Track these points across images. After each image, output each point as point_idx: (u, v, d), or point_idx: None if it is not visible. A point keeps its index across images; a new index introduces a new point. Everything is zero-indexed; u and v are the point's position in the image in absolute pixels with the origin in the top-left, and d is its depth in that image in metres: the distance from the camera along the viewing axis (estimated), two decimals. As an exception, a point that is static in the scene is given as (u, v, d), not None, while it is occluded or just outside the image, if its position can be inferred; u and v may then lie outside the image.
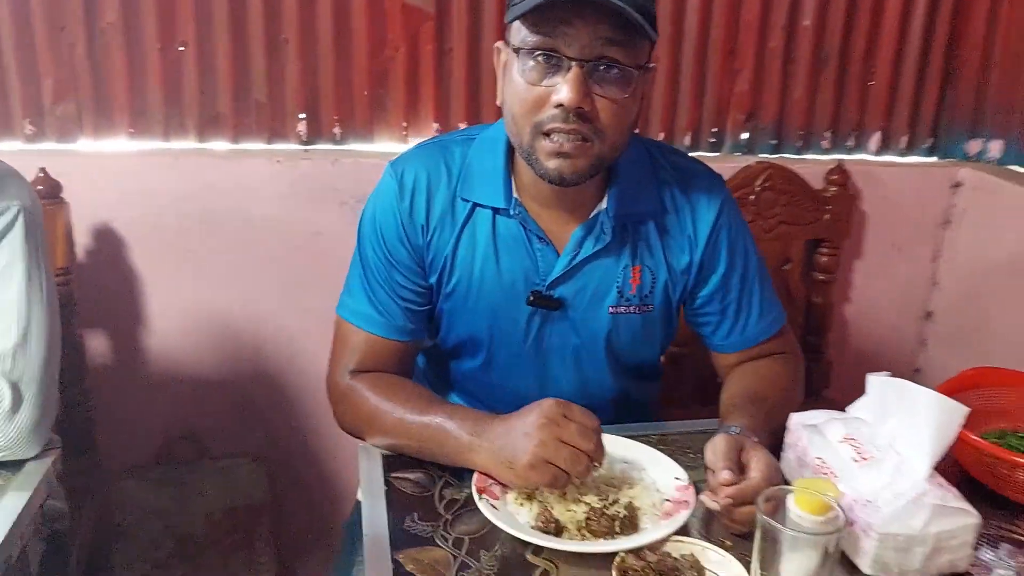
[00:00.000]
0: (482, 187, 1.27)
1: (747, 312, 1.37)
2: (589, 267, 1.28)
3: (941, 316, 2.41)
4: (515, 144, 1.21)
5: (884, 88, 2.26)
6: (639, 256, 1.30)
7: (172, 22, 1.91)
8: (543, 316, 1.30)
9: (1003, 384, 1.36)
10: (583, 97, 1.10)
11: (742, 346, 1.39)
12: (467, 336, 1.35)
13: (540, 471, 1.06)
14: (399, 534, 1.07)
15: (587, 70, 1.10)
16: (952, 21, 2.24)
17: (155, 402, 2.06)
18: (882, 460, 1.05)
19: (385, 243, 1.29)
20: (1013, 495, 1.18)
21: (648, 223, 1.31)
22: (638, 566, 0.97)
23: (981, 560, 1.07)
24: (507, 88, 1.18)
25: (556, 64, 1.11)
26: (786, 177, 2.09)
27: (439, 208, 1.27)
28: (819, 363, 2.23)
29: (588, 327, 1.32)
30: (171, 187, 1.94)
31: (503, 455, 1.10)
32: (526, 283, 1.29)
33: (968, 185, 2.29)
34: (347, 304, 1.33)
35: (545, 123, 1.13)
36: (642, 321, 1.34)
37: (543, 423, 1.07)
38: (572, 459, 1.06)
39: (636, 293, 1.31)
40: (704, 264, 1.33)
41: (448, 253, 1.28)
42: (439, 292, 1.32)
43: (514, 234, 1.27)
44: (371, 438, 1.26)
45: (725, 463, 1.05)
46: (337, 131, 2.05)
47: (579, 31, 1.08)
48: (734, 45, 2.15)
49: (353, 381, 1.28)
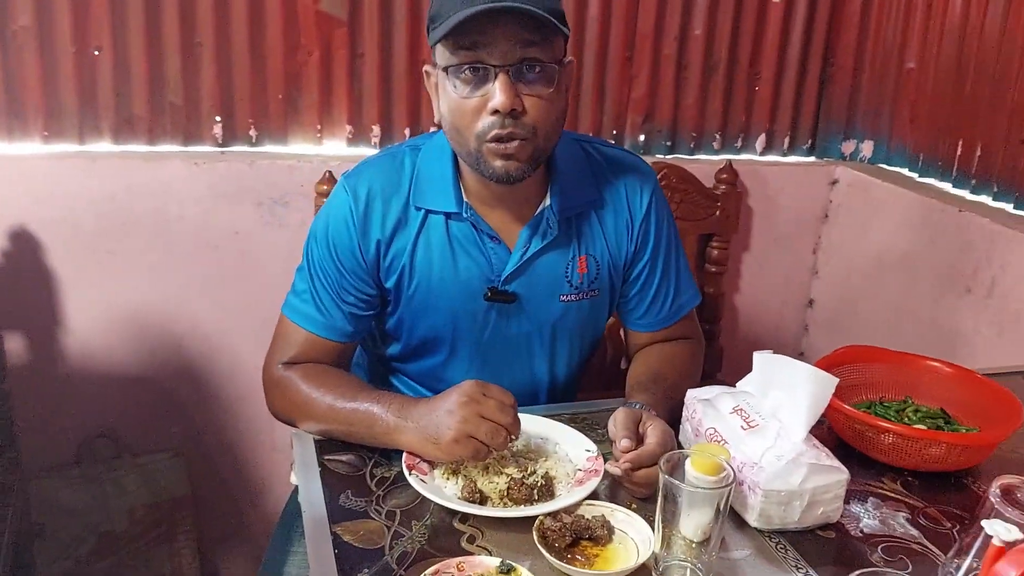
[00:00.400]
0: (433, 194, 1.34)
1: (667, 293, 1.48)
2: (539, 261, 1.37)
3: (821, 303, 2.60)
4: (460, 154, 1.29)
5: (768, 93, 2.42)
6: (584, 246, 1.40)
7: (87, 26, 1.91)
8: (499, 310, 1.39)
9: (872, 360, 1.51)
10: (514, 99, 1.18)
11: (659, 325, 1.50)
12: (430, 335, 1.42)
13: (463, 445, 1.15)
14: (336, 509, 1.14)
15: (512, 74, 1.19)
16: (828, 33, 2.42)
17: (74, 401, 2.07)
18: (766, 427, 1.17)
19: (337, 253, 1.35)
20: (879, 456, 1.31)
21: (589, 214, 1.40)
22: (555, 527, 1.07)
23: (851, 512, 1.20)
24: (443, 105, 1.26)
25: (483, 74, 1.19)
26: (680, 176, 2.23)
27: (394, 218, 1.34)
28: (712, 348, 2.37)
29: (541, 317, 1.41)
30: (89, 189, 1.95)
31: (428, 433, 1.18)
32: (482, 280, 1.36)
33: (843, 182, 2.48)
34: (291, 304, 1.39)
35: (486, 131, 1.21)
36: (590, 306, 1.44)
37: (464, 401, 1.16)
38: (492, 432, 1.15)
39: (584, 281, 1.41)
40: (637, 248, 1.44)
41: (406, 260, 1.35)
42: (399, 296, 1.38)
43: (467, 235, 1.35)
44: (303, 424, 1.32)
45: (624, 433, 1.17)
46: (253, 133, 2.09)
47: (498, 40, 1.17)
48: (631, 53, 2.28)
49: (287, 371, 1.35)
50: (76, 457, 2.09)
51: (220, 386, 2.18)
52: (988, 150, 2.09)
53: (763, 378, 1.24)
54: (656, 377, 1.39)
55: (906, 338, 2.22)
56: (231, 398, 2.19)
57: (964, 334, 2.07)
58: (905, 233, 2.26)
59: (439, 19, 1.19)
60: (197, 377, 2.15)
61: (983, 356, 2.01)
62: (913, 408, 1.46)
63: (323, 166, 1.98)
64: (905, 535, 1.17)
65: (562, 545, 1.07)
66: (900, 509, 1.22)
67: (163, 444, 2.17)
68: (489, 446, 1.16)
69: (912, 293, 2.24)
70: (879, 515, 1.21)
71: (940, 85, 2.23)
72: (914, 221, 2.22)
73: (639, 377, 1.40)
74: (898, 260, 2.28)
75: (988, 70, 2.07)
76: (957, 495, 1.26)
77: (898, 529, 1.18)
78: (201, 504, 2.23)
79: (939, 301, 2.14)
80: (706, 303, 2.38)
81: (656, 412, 1.27)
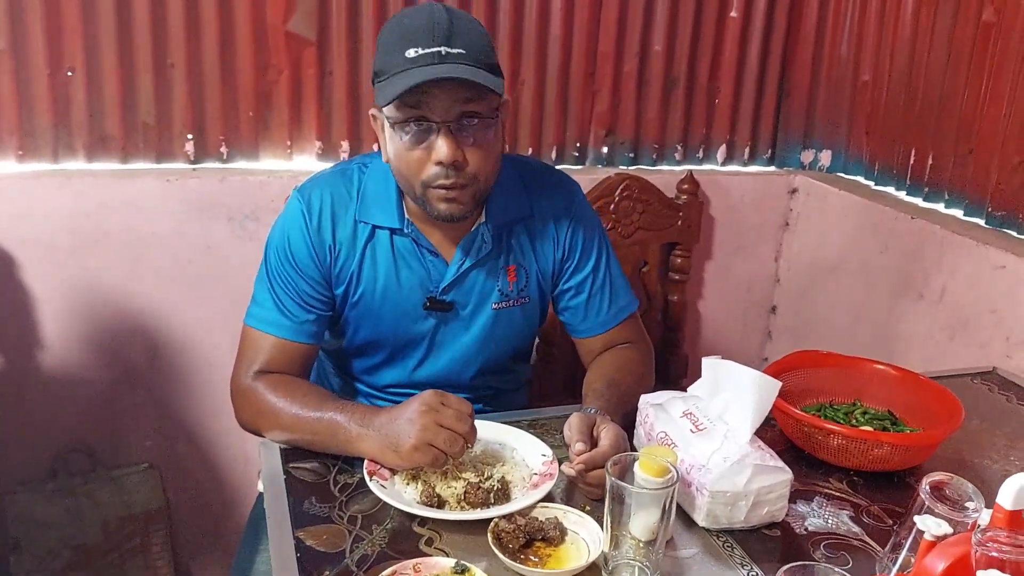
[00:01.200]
0: (378, 211, 1.43)
1: (603, 297, 1.56)
2: (474, 272, 1.47)
3: (783, 310, 2.66)
4: (406, 192, 1.39)
5: (727, 106, 2.48)
6: (514, 257, 1.50)
7: (60, 47, 1.95)
8: (438, 318, 1.48)
9: (822, 364, 1.57)
10: (456, 151, 1.28)
11: (601, 328, 1.58)
12: (371, 338, 1.50)
13: (423, 452, 1.20)
14: (299, 515, 1.18)
15: (453, 128, 1.28)
16: (785, 47, 2.49)
17: (48, 415, 2.09)
18: (713, 430, 1.22)
19: (294, 259, 1.42)
20: (826, 457, 1.37)
21: (520, 228, 1.50)
22: (509, 529, 1.12)
23: (797, 511, 1.25)
24: (391, 148, 1.34)
25: (427, 128, 1.28)
26: (642, 187, 2.28)
27: (343, 230, 1.43)
28: (676, 355, 2.43)
29: (476, 323, 1.50)
30: (63, 207, 1.98)
31: (389, 441, 1.23)
32: (422, 290, 1.46)
33: (802, 191, 2.54)
34: (255, 314, 1.44)
35: (431, 180, 1.31)
36: (521, 312, 1.54)
37: (424, 410, 1.21)
38: (450, 440, 1.20)
39: (513, 289, 1.50)
40: (565, 256, 1.54)
41: (354, 269, 1.44)
42: (345, 301, 1.47)
43: (409, 249, 1.44)
44: (269, 433, 1.37)
45: (579, 436, 1.22)
46: (224, 150, 2.13)
47: (439, 99, 1.26)
48: (593, 69, 2.34)
49: (254, 381, 1.39)
50: (51, 471, 2.12)
51: (193, 399, 2.21)
52: (938, 159, 2.16)
53: (711, 383, 1.29)
54: (610, 383, 1.44)
55: (863, 343, 2.29)
56: (204, 411, 2.22)
57: (918, 338, 2.13)
58: (861, 240, 2.32)
59: (384, 75, 1.28)
60: (170, 390, 2.18)
61: (936, 360, 2.07)
62: (862, 410, 1.51)
63: (293, 181, 2.02)
64: (848, 532, 1.22)
65: (516, 546, 1.11)
66: (844, 508, 1.27)
67: (137, 457, 2.19)
68: (447, 453, 1.21)
69: (869, 299, 2.30)
70: (824, 514, 1.26)
71: (893, 97, 2.30)
72: (870, 229, 2.28)
73: (594, 384, 1.45)
74: (856, 267, 2.35)
75: (937, 83, 2.15)
76: (900, 493, 1.31)
77: (841, 527, 1.23)
78: (175, 516, 2.26)
79: (894, 306, 2.21)
80: (669, 311, 2.43)
81: (610, 416, 1.31)
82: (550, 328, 2.15)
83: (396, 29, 1.29)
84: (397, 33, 1.28)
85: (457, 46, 1.25)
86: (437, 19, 1.26)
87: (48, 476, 2.11)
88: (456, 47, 1.25)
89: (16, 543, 2.04)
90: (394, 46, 1.26)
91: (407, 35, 1.26)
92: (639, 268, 2.34)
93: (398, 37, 1.27)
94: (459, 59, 1.25)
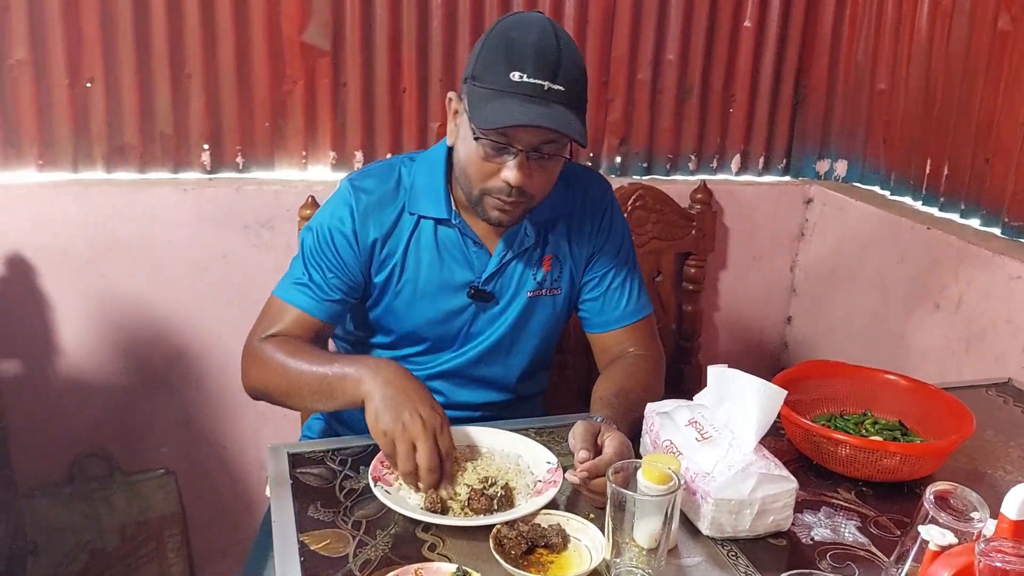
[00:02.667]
0: (427, 201, 1.48)
1: (622, 292, 1.60)
2: (514, 263, 1.52)
3: (799, 320, 2.65)
4: (462, 189, 1.42)
5: (742, 115, 2.48)
6: (550, 248, 1.55)
7: (80, 59, 1.98)
8: (477, 307, 1.53)
9: (833, 374, 1.57)
10: (526, 178, 1.33)
11: (616, 324, 1.60)
12: (411, 329, 1.54)
13: (385, 443, 1.23)
14: (305, 520, 1.20)
15: (529, 156, 1.32)
16: (800, 55, 2.48)
17: (66, 421, 2.12)
18: (718, 438, 1.22)
19: (334, 242, 1.46)
20: (835, 467, 1.36)
21: (560, 222, 1.55)
22: (511, 535, 1.13)
23: (804, 521, 1.24)
24: (460, 144, 1.39)
25: (507, 147, 1.32)
26: (656, 197, 2.28)
27: (390, 221, 1.47)
28: (690, 365, 2.42)
29: (511, 312, 1.55)
30: (81, 216, 2.01)
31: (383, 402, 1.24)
32: (464, 280, 1.50)
33: (818, 201, 2.53)
34: (284, 286, 1.48)
35: (492, 190, 1.36)
36: (552, 302, 1.58)
37: (418, 423, 1.22)
38: (406, 459, 1.21)
39: (547, 279, 1.55)
40: (595, 250, 1.59)
41: (398, 259, 1.48)
42: (385, 291, 1.51)
43: (454, 240, 1.49)
44: (272, 388, 1.41)
45: (583, 444, 1.23)
46: (240, 160, 2.15)
47: (530, 134, 1.30)
48: (607, 78, 2.35)
49: (264, 342, 1.43)
50: (68, 476, 2.14)
51: (209, 406, 2.23)
52: (955, 169, 2.15)
53: (717, 391, 1.29)
54: (619, 392, 1.45)
55: (879, 353, 2.27)
56: (220, 418, 2.24)
57: (934, 349, 2.12)
58: (877, 250, 2.30)
59: (481, 85, 1.31)
60: (186, 397, 2.20)
61: (952, 370, 2.05)
62: (872, 420, 1.51)
63: (307, 191, 2.04)
64: (855, 543, 1.21)
65: (518, 553, 1.11)
66: (852, 518, 1.27)
67: (153, 463, 2.22)
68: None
69: (885, 309, 2.28)
70: (831, 524, 1.25)
71: (910, 105, 2.28)
72: (886, 239, 2.27)
73: (603, 392, 1.46)
74: (872, 277, 2.33)
75: (954, 91, 2.13)
76: (909, 504, 1.29)
77: (848, 537, 1.22)
78: (191, 521, 2.28)
79: (910, 317, 2.19)
80: (684, 321, 2.43)
81: (617, 425, 1.32)
82: (565, 337, 2.16)
83: (503, 42, 1.30)
84: (504, 46, 1.29)
85: (560, 82, 1.28)
86: (546, 45, 1.28)
87: (66, 481, 2.14)
88: (559, 83, 1.28)
89: (34, 547, 2.07)
90: (499, 61, 1.29)
91: (514, 53, 1.28)
92: (653, 278, 2.33)
93: (504, 52, 1.29)
94: (558, 98, 1.29)
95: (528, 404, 1.69)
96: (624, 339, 1.60)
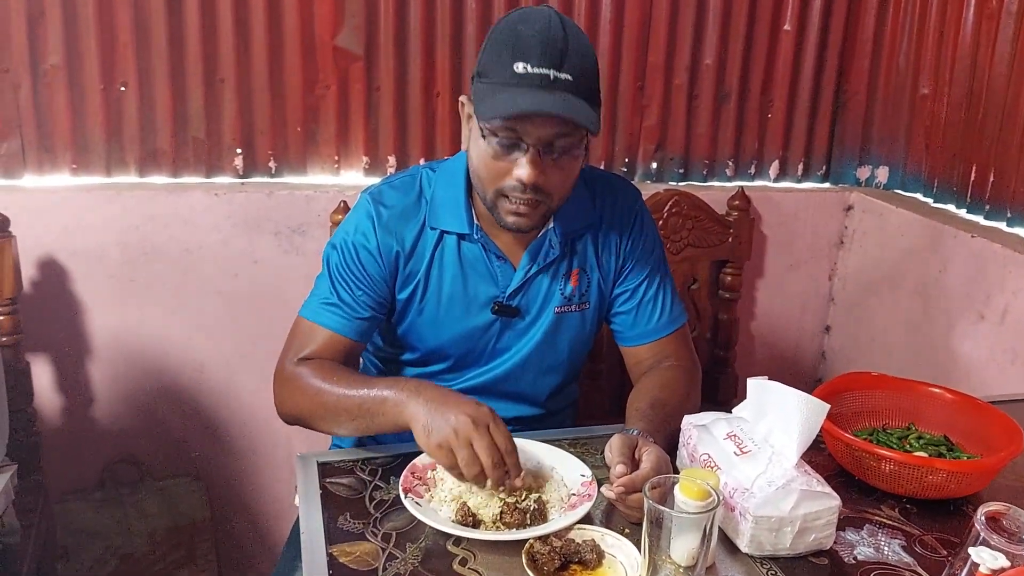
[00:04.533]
0: (447, 216, 1.44)
1: (655, 305, 1.55)
2: (539, 277, 1.48)
3: (838, 330, 2.59)
4: (478, 193, 1.39)
5: (780, 121, 2.44)
6: (578, 262, 1.50)
7: (113, 63, 1.99)
8: (503, 323, 1.49)
9: (875, 387, 1.51)
10: (539, 175, 1.29)
11: (650, 337, 1.55)
12: (436, 346, 1.51)
13: (444, 453, 1.18)
14: (333, 531, 1.18)
15: (541, 151, 1.28)
16: (840, 59, 2.43)
17: (98, 426, 2.12)
18: (758, 453, 1.18)
19: (359, 257, 1.42)
20: (878, 483, 1.32)
21: (586, 234, 1.51)
22: (544, 550, 1.10)
23: (846, 539, 1.20)
24: (472, 147, 1.35)
25: (517, 143, 1.28)
26: (692, 203, 2.25)
27: (412, 235, 1.44)
28: (726, 376, 2.38)
29: (538, 328, 1.50)
30: (113, 220, 2.02)
31: (429, 418, 1.20)
32: (488, 296, 1.47)
33: (858, 208, 2.48)
34: (311, 306, 1.45)
35: (506, 190, 1.32)
36: (580, 318, 1.53)
37: (467, 421, 1.18)
38: (469, 461, 1.17)
39: (575, 294, 1.50)
40: (625, 262, 1.54)
41: (422, 275, 1.45)
42: (410, 307, 1.47)
43: (477, 255, 1.45)
44: (309, 414, 1.37)
45: (620, 459, 1.19)
46: (272, 165, 2.15)
47: (536, 126, 1.26)
48: (643, 83, 2.32)
49: (298, 367, 1.40)
50: (99, 481, 2.15)
51: (240, 412, 2.22)
52: (1001, 175, 2.09)
53: (757, 404, 1.25)
54: (655, 403, 1.41)
55: (921, 365, 2.22)
56: (251, 424, 2.23)
57: (978, 361, 2.06)
58: (920, 259, 2.25)
59: (487, 79, 1.28)
60: (217, 403, 2.20)
61: (997, 383, 1.99)
62: (916, 435, 1.45)
63: (339, 196, 2.03)
64: (899, 563, 1.17)
65: (551, 569, 1.09)
66: (896, 536, 1.23)
67: (184, 469, 2.22)
68: (462, 472, 1.19)
69: (927, 320, 2.23)
70: (874, 542, 1.21)
71: (954, 110, 2.23)
72: (928, 247, 2.22)
73: (638, 404, 1.42)
74: (913, 286, 2.28)
75: (1000, 95, 2.08)
76: (956, 523, 1.26)
77: (892, 557, 1.18)
78: (220, 528, 2.27)
79: (953, 327, 2.13)
80: (720, 330, 2.39)
81: (653, 439, 1.29)
82: (598, 346, 2.13)
83: (509, 35, 1.27)
84: (510, 39, 1.26)
85: (566, 70, 1.24)
86: (552, 34, 1.24)
87: (96, 486, 2.15)
88: (565, 71, 1.24)
89: (64, 551, 2.07)
90: (504, 54, 1.26)
91: (519, 46, 1.25)
92: (688, 286, 2.30)
93: (510, 44, 1.26)
94: (565, 87, 1.25)
95: (559, 417, 1.66)
96: (659, 351, 1.56)
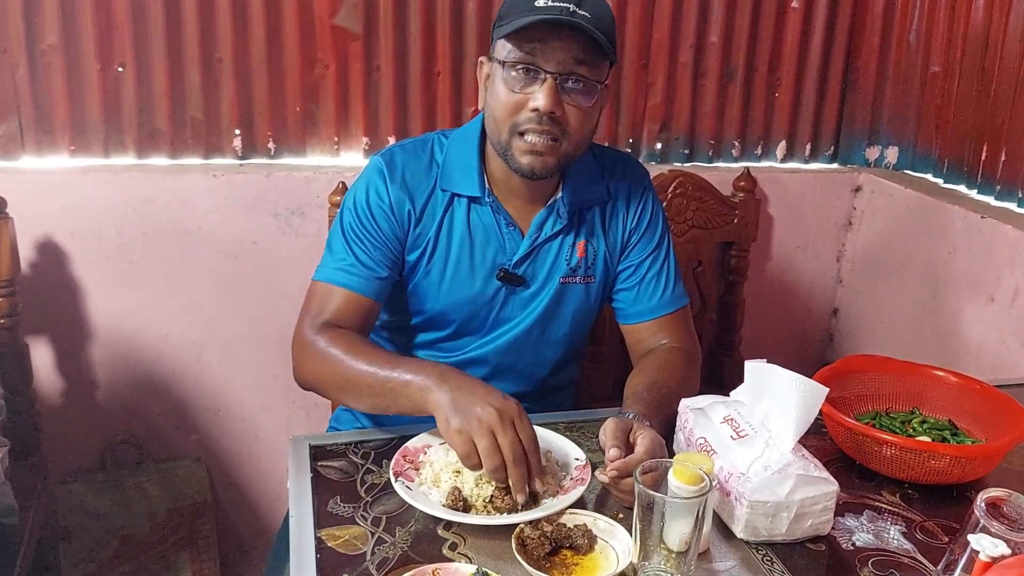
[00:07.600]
0: (460, 178, 1.45)
1: (657, 282, 1.55)
2: (547, 247, 1.48)
3: (846, 312, 2.56)
4: (493, 142, 1.40)
5: (788, 100, 2.40)
6: (584, 234, 1.51)
7: (111, 44, 1.97)
8: (508, 291, 1.49)
9: (879, 370, 1.49)
10: (556, 103, 1.30)
11: (650, 315, 1.55)
12: (439, 310, 1.50)
13: (463, 441, 1.15)
14: (323, 515, 1.16)
15: (559, 82, 1.30)
16: (849, 37, 2.39)
17: (98, 407, 2.12)
18: (755, 437, 1.17)
19: (373, 216, 1.43)
20: (880, 468, 1.30)
21: (594, 208, 1.52)
22: (535, 535, 1.08)
23: (845, 525, 1.18)
24: (489, 95, 1.37)
25: (534, 76, 1.31)
26: (696, 184, 2.21)
27: (422, 196, 1.44)
28: (731, 359, 2.35)
29: (542, 298, 1.50)
30: (112, 201, 2.01)
31: (454, 406, 1.17)
32: (495, 262, 1.47)
33: (867, 189, 2.45)
34: (325, 268, 1.44)
35: (522, 124, 1.33)
36: (585, 291, 1.53)
37: (492, 413, 1.15)
38: (489, 451, 1.14)
39: (581, 266, 1.51)
40: (630, 239, 1.55)
41: (430, 237, 1.45)
42: (417, 269, 1.47)
43: (487, 220, 1.46)
44: (329, 385, 1.35)
45: (613, 442, 1.17)
46: (271, 146, 2.13)
47: (555, 50, 1.29)
48: (647, 61, 2.29)
49: (318, 333, 1.37)
50: (100, 462, 2.15)
51: (240, 393, 2.22)
52: (1013, 155, 2.05)
53: (754, 387, 1.24)
54: (652, 386, 1.39)
55: (930, 347, 2.19)
56: (251, 405, 2.23)
57: (988, 344, 2.03)
58: (929, 240, 2.22)
59: (506, 19, 1.31)
60: (217, 384, 2.20)
61: (1006, 367, 1.96)
62: (920, 419, 1.44)
63: (338, 177, 2.02)
64: (899, 549, 1.15)
65: (541, 553, 1.07)
66: (896, 522, 1.21)
67: (184, 450, 2.22)
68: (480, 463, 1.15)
69: (936, 302, 2.20)
70: (874, 528, 1.19)
71: (965, 90, 2.19)
72: (938, 228, 2.18)
73: (635, 387, 1.40)
74: (922, 268, 2.25)
75: (1012, 74, 2.04)
76: (959, 509, 1.23)
77: (892, 543, 1.16)
78: (221, 509, 2.27)
79: (963, 310, 2.10)
80: (725, 312, 2.36)
81: (649, 422, 1.27)
82: (601, 328, 2.11)
83: None
84: None
85: (585, 8, 1.28)
86: None
87: (98, 467, 2.15)
88: (584, 8, 1.28)
89: (66, 532, 2.08)
90: None
91: None
92: (693, 268, 2.26)
93: None
94: (585, 21, 1.27)
95: (558, 396, 1.64)
96: (658, 331, 1.55)
